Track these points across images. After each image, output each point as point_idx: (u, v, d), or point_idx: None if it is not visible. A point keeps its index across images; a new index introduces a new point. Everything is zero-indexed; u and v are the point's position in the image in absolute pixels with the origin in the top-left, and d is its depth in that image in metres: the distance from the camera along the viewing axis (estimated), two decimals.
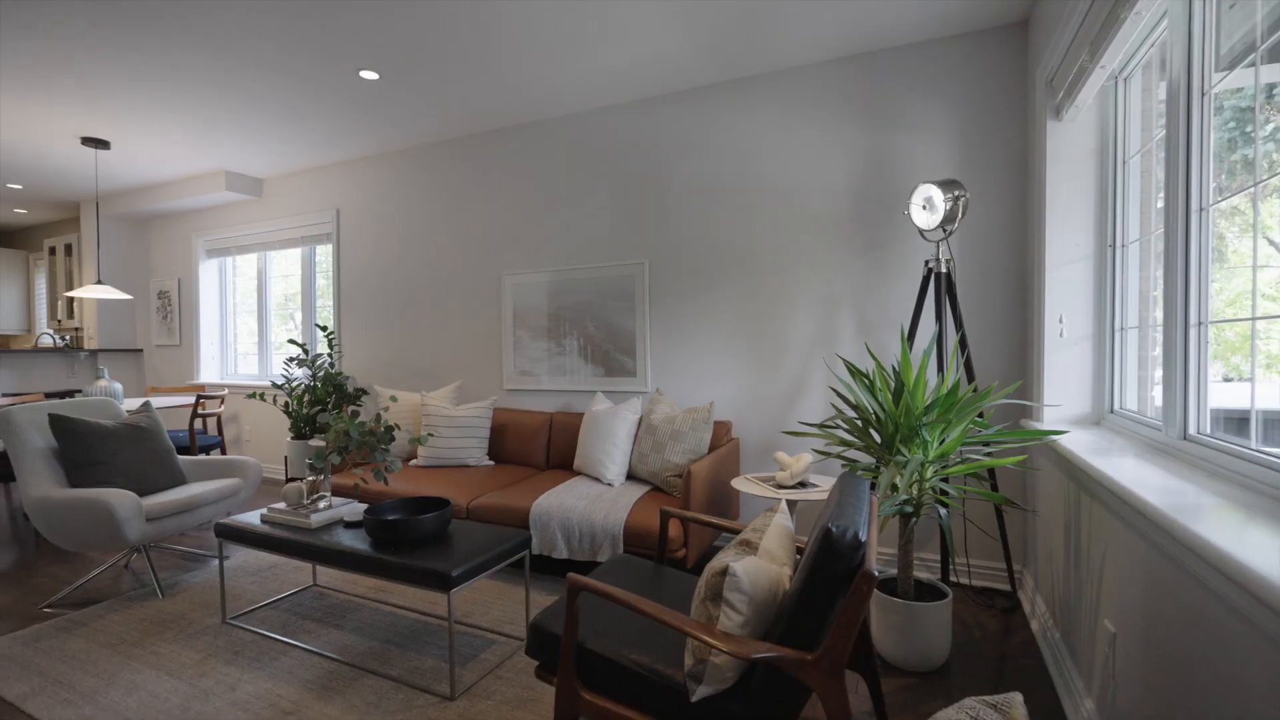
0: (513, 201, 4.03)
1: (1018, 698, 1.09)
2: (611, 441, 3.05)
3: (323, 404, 4.03)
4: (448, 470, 3.43)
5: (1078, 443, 1.88)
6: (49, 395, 5.13)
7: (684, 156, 3.47)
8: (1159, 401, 1.92)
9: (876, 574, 1.17)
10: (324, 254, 5.03)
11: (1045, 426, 2.31)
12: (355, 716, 1.84)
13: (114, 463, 2.82)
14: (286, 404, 4.10)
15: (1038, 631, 2.31)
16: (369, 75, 3.25)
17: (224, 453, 4.93)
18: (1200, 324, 1.51)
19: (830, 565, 1.21)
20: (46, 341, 6.44)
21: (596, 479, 3.08)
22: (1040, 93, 2.41)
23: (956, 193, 2.53)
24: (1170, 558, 1.21)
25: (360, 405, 4.31)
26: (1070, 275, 2.35)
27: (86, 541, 2.58)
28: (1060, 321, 2.34)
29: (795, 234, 3.20)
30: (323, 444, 4.01)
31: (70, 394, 5.36)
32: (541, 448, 3.60)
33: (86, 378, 5.92)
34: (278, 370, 5.38)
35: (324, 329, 4.17)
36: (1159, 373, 1.92)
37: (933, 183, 2.53)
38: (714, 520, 1.94)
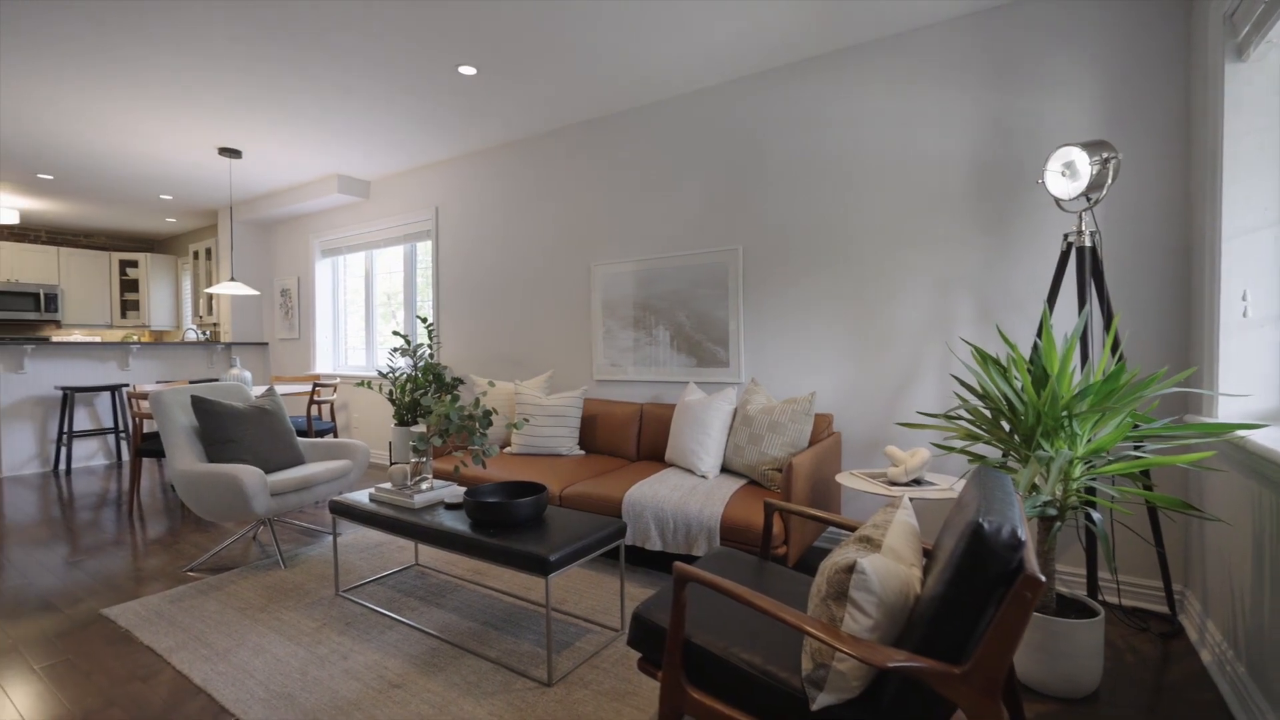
0: (603, 191, 4.01)
1: None
2: (705, 433, 2.94)
3: (423, 390, 4.21)
4: (540, 458, 3.47)
5: (1277, 439, 1.56)
6: (192, 383, 5.72)
7: (782, 135, 3.30)
8: None
9: (1042, 578, 1.00)
10: (424, 250, 5.27)
11: (1222, 420, 1.96)
12: (456, 694, 1.86)
13: (244, 441, 3.06)
14: (390, 392, 4.32)
15: (1211, 663, 1.98)
16: (467, 70, 3.33)
17: (336, 437, 5.29)
18: None
19: (982, 566, 1.05)
20: (191, 336, 7.21)
21: (689, 471, 2.99)
22: (1215, 32, 2.05)
23: (1105, 155, 2.21)
24: None
25: (457, 393, 4.46)
26: (1255, 245, 1.98)
27: (221, 512, 2.81)
28: (1244, 299, 1.98)
29: (906, 212, 2.95)
30: (424, 429, 4.18)
31: (208, 382, 5.95)
32: (632, 438, 3.56)
33: (222, 367, 6.56)
34: (382, 362, 5.70)
35: (424, 320, 4.35)
36: None
37: (1075, 145, 2.23)
38: (825, 515, 1.79)
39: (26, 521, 3.77)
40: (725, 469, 3.04)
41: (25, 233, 7.58)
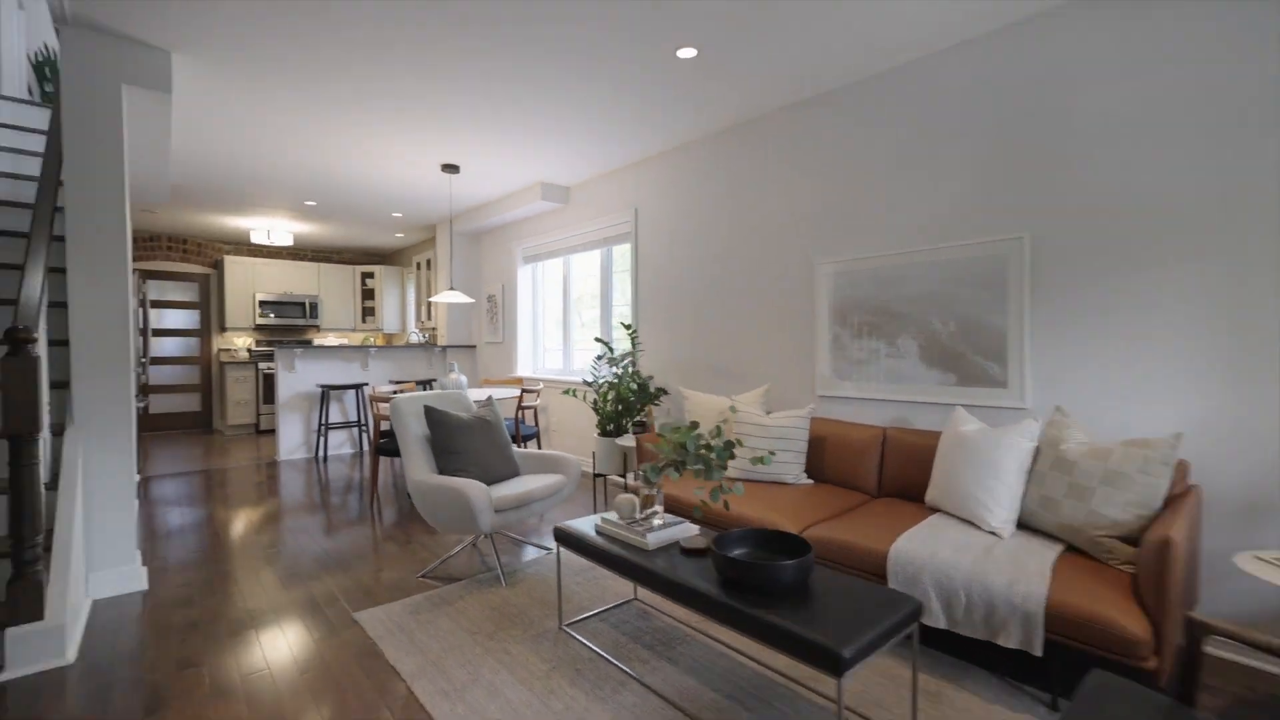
0: (828, 178, 3.46)
1: None
2: (995, 476, 2.28)
3: (627, 402, 4.02)
4: (763, 486, 3.04)
5: None
6: (417, 383, 6.28)
7: (1093, 85, 2.48)
8: None
9: None
10: (620, 254, 5.14)
11: None
12: None
13: (468, 453, 3.06)
14: (595, 402, 4.20)
15: None
16: (686, 53, 3.00)
17: (539, 443, 5.40)
18: None
19: None
20: (414, 339, 8.01)
21: (970, 523, 2.34)
22: None
23: None
24: None
25: (659, 404, 4.22)
26: None
27: (450, 525, 2.81)
28: None
29: None
30: (630, 444, 4.00)
31: (428, 382, 6.49)
32: (872, 469, 2.97)
33: (440, 369, 7.16)
34: (577, 365, 5.72)
35: (627, 326, 4.17)
36: None
37: None
38: None
39: (294, 505, 4.29)
40: (1022, 524, 2.34)
41: (297, 252, 9.06)
